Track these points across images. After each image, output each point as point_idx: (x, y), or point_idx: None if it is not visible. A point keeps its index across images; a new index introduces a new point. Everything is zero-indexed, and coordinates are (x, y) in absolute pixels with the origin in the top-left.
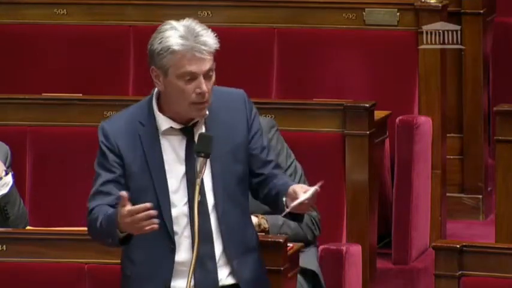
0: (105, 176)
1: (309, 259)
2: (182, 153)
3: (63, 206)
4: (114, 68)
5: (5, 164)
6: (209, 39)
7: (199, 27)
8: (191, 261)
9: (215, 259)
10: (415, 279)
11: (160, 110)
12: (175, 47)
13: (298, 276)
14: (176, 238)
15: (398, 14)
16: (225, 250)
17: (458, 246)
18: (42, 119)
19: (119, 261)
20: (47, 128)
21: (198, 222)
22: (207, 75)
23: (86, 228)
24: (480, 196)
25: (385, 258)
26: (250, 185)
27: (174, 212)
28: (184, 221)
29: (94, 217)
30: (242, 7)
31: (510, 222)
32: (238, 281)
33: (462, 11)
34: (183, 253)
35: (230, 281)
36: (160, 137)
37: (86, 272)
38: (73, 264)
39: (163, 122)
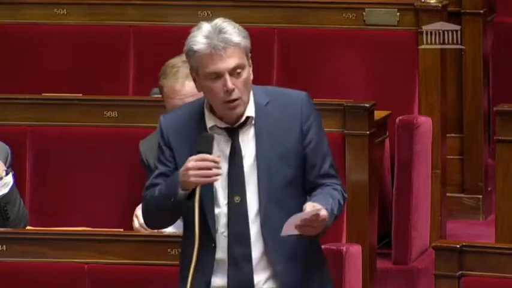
0: (160, 169)
1: None
2: (227, 152)
3: (63, 206)
4: (114, 68)
5: (5, 164)
6: (231, 37)
7: (225, 25)
8: (192, 262)
9: (251, 261)
10: (415, 279)
11: (211, 108)
12: (196, 47)
13: None
14: (216, 237)
15: (398, 14)
16: (267, 253)
17: (458, 246)
18: (42, 119)
19: (119, 261)
20: (47, 128)
21: (199, 222)
22: (233, 73)
23: (86, 228)
24: (480, 196)
25: (385, 258)
26: (305, 188)
27: (216, 211)
28: (224, 220)
29: (150, 193)
30: (242, 7)
31: (510, 222)
32: (280, 286)
33: (462, 11)
34: (221, 252)
35: (270, 285)
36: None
37: (86, 272)
38: (73, 264)
39: (210, 120)
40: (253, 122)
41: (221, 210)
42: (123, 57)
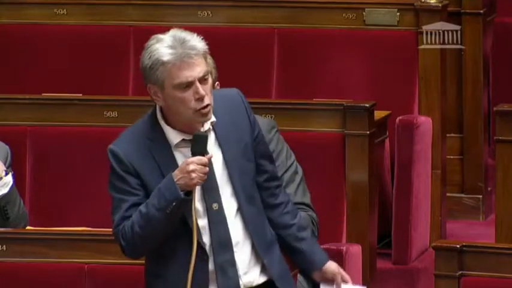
0: (130, 200)
1: None
2: None
3: (63, 206)
4: (114, 68)
5: (5, 164)
6: (196, 43)
7: (185, 34)
8: (189, 271)
9: (236, 265)
10: (415, 279)
11: (168, 123)
12: (165, 58)
13: (299, 275)
14: (207, 249)
15: (398, 14)
16: (255, 250)
17: (458, 246)
18: (42, 119)
19: (119, 261)
20: (47, 128)
21: (197, 230)
22: (202, 80)
23: (86, 228)
24: (480, 196)
25: (385, 258)
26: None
27: (201, 223)
28: (207, 230)
29: (128, 226)
30: (242, 7)
31: (510, 222)
32: (271, 277)
33: (462, 11)
34: (211, 263)
35: (262, 279)
36: (173, 151)
37: (86, 272)
38: (73, 264)
39: (174, 136)
40: (211, 127)
41: (204, 221)
42: (123, 57)
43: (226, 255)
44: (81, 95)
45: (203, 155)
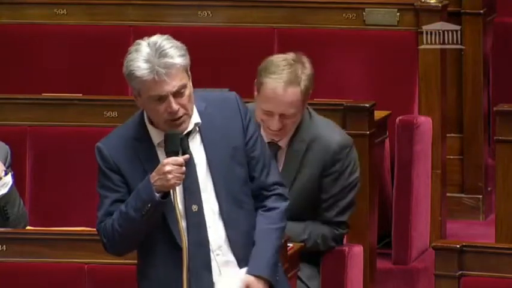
0: (112, 196)
1: None
2: None
3: (63, 206)
4: (114, 68)
5: (4, 164)
6: (172, 60)
7: (166, 45)
8: (183, 271)
9: (211, 269)
10: (415, 279)
11: (151, 123)
12: (138, 73)
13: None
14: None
15: (398, 14)
16: (236, 255)
17: (458, 246)
18: (42, 119)
19: (119, 261)
20: (47, 128)
21: (182, 230)
22: (177, 94)
23: (86, 228)
24: (480, 196)
25: (385, 258)
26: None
27: (183, 224)
28: (185, 232)
29: (113, 219)
30: (242, 7)
31: (510, 222)
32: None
33: (462, 11)
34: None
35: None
36: (157, 150)
37: (86, 272)
38: (73, 264)
39: (157, 135)
40: (197, 128)
41: (183, 222)
42: (123, 57)
43: (202, 258)
44: (81, 95)
45: (177, 154)
